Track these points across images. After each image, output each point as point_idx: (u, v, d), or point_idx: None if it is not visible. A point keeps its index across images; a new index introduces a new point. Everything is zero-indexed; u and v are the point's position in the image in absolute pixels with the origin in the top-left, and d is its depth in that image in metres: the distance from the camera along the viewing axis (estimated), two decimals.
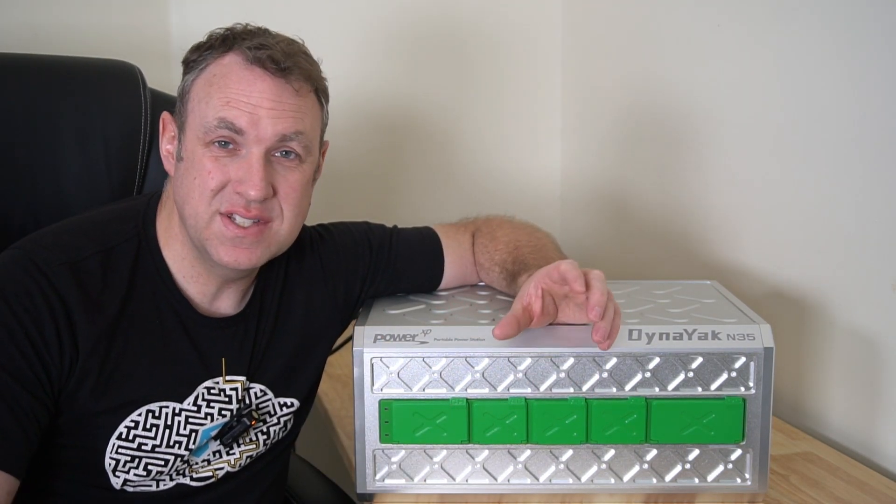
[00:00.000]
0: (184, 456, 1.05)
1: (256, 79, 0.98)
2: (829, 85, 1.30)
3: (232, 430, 1.07)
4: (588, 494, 1.07)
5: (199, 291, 1.06)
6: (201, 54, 1.01)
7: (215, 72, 0.99)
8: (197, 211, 0.99)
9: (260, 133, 0.98)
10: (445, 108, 2.05)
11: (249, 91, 0.97)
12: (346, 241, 1.20)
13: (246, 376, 1.09)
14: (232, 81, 0.98)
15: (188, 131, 1.00)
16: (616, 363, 1.04)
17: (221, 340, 1.07)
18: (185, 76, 1.03)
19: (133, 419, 1.01)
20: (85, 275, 0.98)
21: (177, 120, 1.03)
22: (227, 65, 0.99)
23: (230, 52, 0.99)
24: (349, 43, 1.93)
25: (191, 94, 1.01)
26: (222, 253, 0.99)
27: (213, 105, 0.98)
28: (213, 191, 0.98)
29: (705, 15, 1.58)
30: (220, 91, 0.98)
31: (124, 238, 1.03)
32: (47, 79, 1.25)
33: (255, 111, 0.97)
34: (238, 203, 0.98)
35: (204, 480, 1.09)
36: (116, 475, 1.01)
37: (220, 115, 0.97)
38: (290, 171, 1.01)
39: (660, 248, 1.77)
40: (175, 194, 1.02)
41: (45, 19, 1.67)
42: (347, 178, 1.96)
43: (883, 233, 1.22)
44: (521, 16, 2.07)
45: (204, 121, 0.98)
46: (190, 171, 0.99)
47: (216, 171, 0.98)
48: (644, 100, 1.80)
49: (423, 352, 1.04)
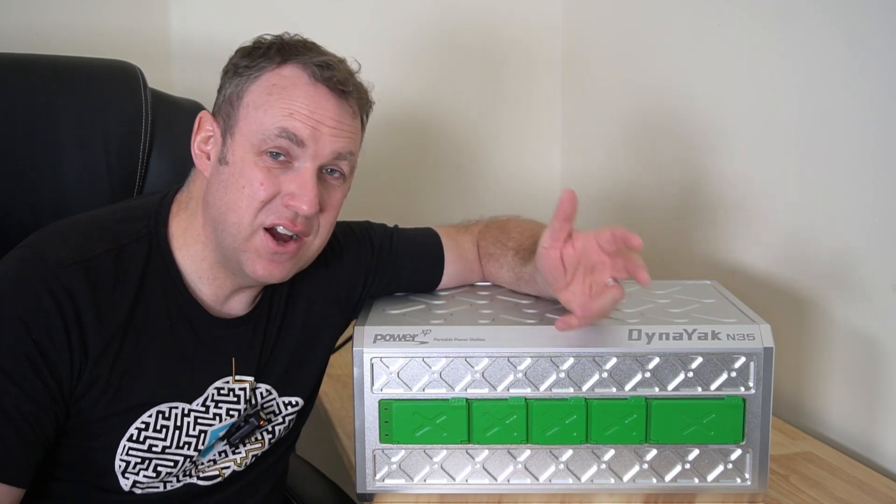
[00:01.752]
0: (192, 457, 1.04)
1: (321, 96, 0.99)
2: (830, 85, 1.30)
3: (240, 430, 1.07)
4: (588, 494, 1.07)
5: (212, 293, 1.05)
6: (254, 61, 1.00)
7: (275, 82, 0.99)
8: (241, 221, 0.98)
9: (319, 149, 0.99)
10: (446, 109, 2.05)
11: (314, 107, 0.98)
12: (348, 240, 1.20)
13: (254, 376, 1.09)
14: (296, 95, 0.98)
15: (238, 136, 0.99)
16: (616, 363, 1.04)
17: (231, 340, 1.07)
18: (234, 79, 1.01)
19: (144, 421, 1.00)
20: (96, 274, 0.97)
21: (219, 122, 1.02)
22: (290, 77, 0.99)
23: (289, 64, 1.00)
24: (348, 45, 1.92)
25: (245, 99, 1.00)
26: (258, 267, 1.00)
27: (273, 114, 0.98)
28: (262, 202, 0.98)
29: (705, 15, 1.58)
30: (282, 101, 0.98)
31: (136, 237, 1.02)
32: (47, 79, 1.25)
33: (318, 126, 0.98)
34: (285, 216, 0.99)
35: (211, 479, 1.09)
36: (126, 477, 1.01)
37: (282, 125, 0.97)
38: (334, 189, 1.03)
39: (660, 248, 1.77)
40: (214, 198, 1.00)
41: (45, 19, 1.67)
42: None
43: (883, 233, 1.22)
44: (521, 17, 2.07)
45: (262, 127, 0.98)
46: (238, 178, 0.98)
47: (268, 182, 0.98)
48: (644, 100, 1.80)
49: (423, 352, 1.04)
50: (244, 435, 1.07)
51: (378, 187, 2.01)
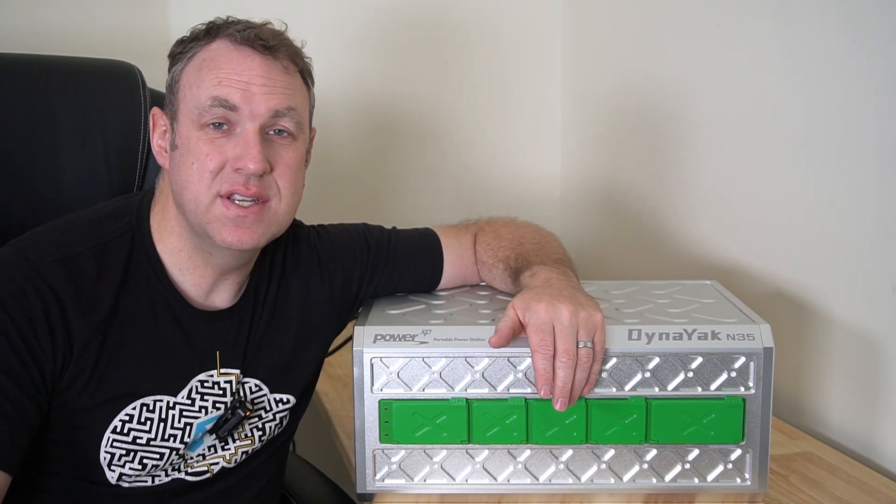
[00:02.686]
0: (179, 449, 1.05)
1: (246, 58, 1.00)
2: (829, 84, 1.30)
3: (227, 422, 1.07)
4: (588, 494, 1.07)
5: (195, 284, 1.06)
6: (186, 46, 1.03)
7: (204, 57, 1.01)
8: (197, 195, 0.99)
9: (254, 108, 0.99)
10: (445, 108, 2.05)
11: (240, 69, 1.00)
12: (342, 239, 1.20)
13: (240, 369, 1.09)
14: (222, 62, 1.00)
15: (181, 118, 1.01)
16: (616, 363, 1.04)
17: (215, 333, 1.08)
18: (173, 68, 1.04)
19: (127, 413, 1.01)
20: (78, 270, 0.99)
21: (167, 112, 1.05)
22: (215, 49, 1.01)
23: (216, 39, 1.02)
24: (347, 42, 1.93)
25: (180, 82, 1.02)
26: (225, 234, 1.00)
27: (204, 87, 0.99)
28: (213, 172, 0.99)
29: (705, 14, 1.58)
30: (210, 73, 1.00)
31: (118, 233, 1.04)
32: (47, 79, 1.25)
33: (247, 87, 0.99)
34: (237, 181, 0.99)
35: (199, 475, 1.09)
36: (112, 469, 1.02)
37: (212, 94, 0.99)
38: (283, 148, 1.03)
39: (660, 247, 1.77)
40: (172, 183, 1.03)
41: (45, 19, 1.67)
42: (346, 178, 1.96)
43: (883, 233, 1.22)
44: (521, 16, 2.07)
45: (197, 102, 0.99)
46: (186, 156, 1.00)
47: (213, 153, 0.99)
48: (644, 100, 1.80)
49: (423, 352, 1.04)
50: (231, 427, 1.08)
51: (377, 188, 2.02)
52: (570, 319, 0.98)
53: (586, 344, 0.99)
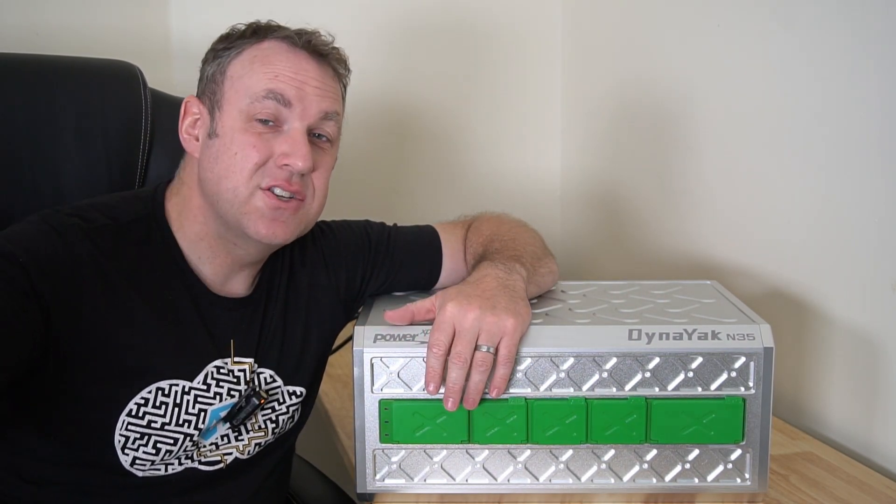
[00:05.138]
0: (192, 436, 1.05)
1: (301, 59, 1.04)
2: (829, 84, 1.30)
3: (241, 410, 1.07)
4: (588, 494, 1.07)
5: (212, 273, 1.07)
6: (232, 42, 1.05)
7: (255, 53, 1.03)
8: (237, 185, 1.01)
9: (306, 107, 1.03)
10: (445, 108, 2.05)
11: (296, 68, 1.03)
12: (345, 235, 1.22)
13: (254, 359, 1.10)
14: (277, 59, 1.03)
15: (226, 107, 1.03)
16: (616, 363, 1.04)
17: (231, 321, 1.08)
18: (215, 61, 1.06)
19: (143, 396, 1.01)
20: (97, 239, 1.00)
21: (205, 102, 1.06)
22: (269, 48, 1.04)
23: (267, 39, 1.04)
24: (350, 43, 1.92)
25: (227, 72, 1.04)
26: (261, 226, 1.01)
27: (258, 78, 1.02)
28: (256, 164, 1.01)
29: (705, 15, 1.58)
30: (265, 66, 1.02)
31: (135, 217, 1.05)
32: (48, 79, 1.25)
33: (301, 86, 1.03)
34: (281, 176, 1.01)
35: (213, 465, 1.09)
36: (125, 453, 1.01)
37: (268, 87, 1.01)
38: (322, 152, 1.06)
39: (659, 247, 1.77)
40: (205, 170, 1.03)
41: (45, 19, 1.67)
42: (346, 177, 1.96)
43: (883, 233, 1.22)
44: (521, 16, 2.07)
45: (249, 92, 1.01)
46: (230, 146, 1.01)
47: (260, 146, 1.01)
48: (644, 100, 1.80)
49: (423, 352, 1.04)
50: (246, 415, 1.08)
51: (376, 187, 2.02)
52: (472, 323, 0.99)
53: (488, 349, 1.00)
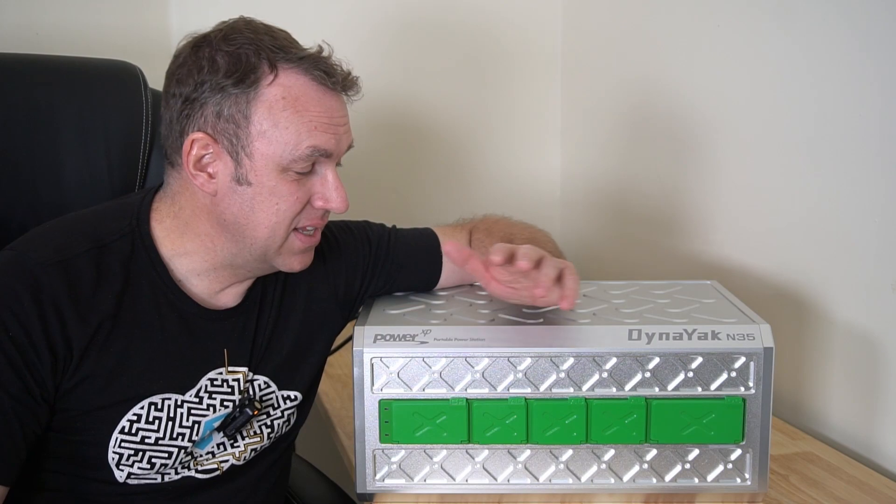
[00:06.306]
0: (187, 448, 1.05)
1: (331, 99, 1.02)
2: (829, 85, 1.30)
3: (234, 420, 1.07)
4: (588, 494, 1.07)
5: (206, 288, 1.06)
6: (242, 76, 0.97)
7: (283, 95, 0.98)
8: (276, 234, 1.02)
9: (340, 150, 1.04)
10: (445, 109, 2.05)
11: (331, 114, 1.01)
12: (345, 237, 1.21)
13: (248, 367, 1.09)
14: (310, 105, 0.99)
15: (257, 156, 0.98)
16: (616, 363, 1.04)
17: (222, 332, 1.08)
18: (224, 98, 0.97)
19: (135, 412, 1.01)
20: (77, 274, 0.98)
21: (221, 141, 0.98)
22: (296, 87, 0.99)
23: (283, 71, 0.98)
24: (349, 42, 1.92)
25: (252, 118, 0.97)
26: (295, 263, 1.05)
27: (295, 130, 0.98)
28: (297, 212, 1.02)
29: (705, 15, 1.58)
30: (298, 116, 0.98)
31: (119, 235, 1.03)
32: (48, 79, 1.25)
33: (336, 132, 1.02)
34: (316, 216, 1.04)
35: (209, 473, 1.09)
36: (120, 469, 1.01)
37: (312, 143, 0.99)
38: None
39: (660, 247, 1.77)
40: (238, 216, 1.00)
41: (46, 19, 1.67)
42: (347, 178, 1.96)
43: (883, 233, 1.22)
44: (521, 16, 2.07)
45: (288, 146, 0.98)
46: (269, 197, 1.00)
47: (300, 194, 1.02)
48: (644, 100, 1.80)
49: (423, 352, 1.04)
50: (239, 425, 1.07)
51: (375, 188, 2.02)
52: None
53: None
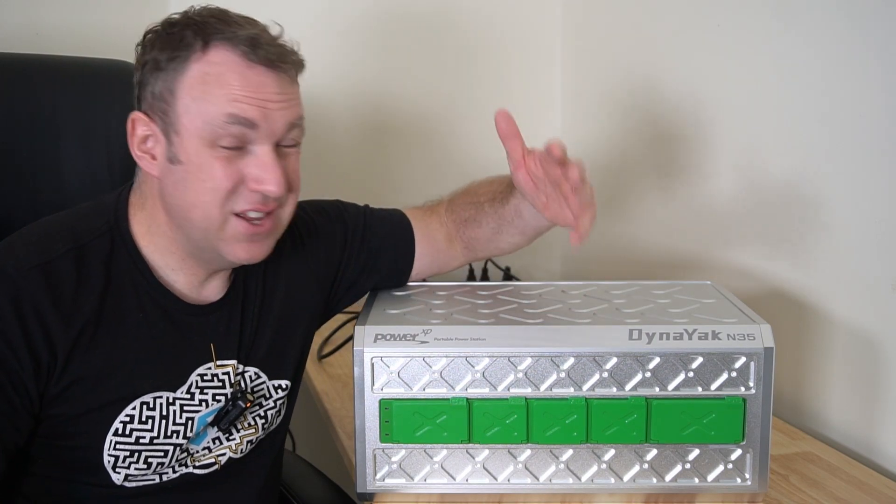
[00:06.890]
0: (182, 445, 1.04)
1: (259, 74, 0.96)
2: (829, 83, 1.30)
3: (228, 414, 1.07)
4: (588, 494, 1.07)
5: (187, 282, 1.05)
6: (174, 52, 0.96)
7: (207, 70, 0.96)
8: (209, 214, 0.97)
9: (271, 126, 0.97)
10: (443, 104, 2.05)
11: (256, 87, 0.96)
12: (321, 219, 1.21)
13: (237, 359, 1.09)
14: (234, 79, 0.96)
15: (184, 133, 0.96)
16: (616, 363, 1.04)
17: (208, 325, 1.07)
18: (158, 74, 0.97)
19: (128, 413, 1.00)
20: (57, 276, 0.96)
21: (155, 120, 0.98)
22: (221, 63, 0.96)
23: (213, 48, 0.96)
24: (346, 38, 1.92)
25: (178, 93, 0.96)
26: (239, 251, 1.00)
27: (215, 102, 0.95)
28: (228, 191, 0.97)
29: (705, 13, 1.58)
30: (221, 88, 0.95)
31: (97, 234, 1.01)
32: (48, 79, 1.25)
33: (264, 105, 0.96)
34: (254, 200, 0.98)
35: (207, 468, 1.09)
36: (117, 471, 1.01)
37: (228, 112, 0.95)
38: (291, 157, 1.02)
39: (660, 247, 1.77)
40: (171, 196, 0.99)
41: (46, 19, 1.67)
42: (344, 177, 1.96)
43: (883, 233, 1.22)
44: (521, 14, 2.07)
45: (208, 118, 0.95)
46: (196, 174, 0.96)
47: (230, 172, 0.96)
48: (644, 98, 1.80)
49: (423, 351, 1.04)
50: (233, 418, 1.07)
51: (375, 185, 2.01)
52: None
53: None
